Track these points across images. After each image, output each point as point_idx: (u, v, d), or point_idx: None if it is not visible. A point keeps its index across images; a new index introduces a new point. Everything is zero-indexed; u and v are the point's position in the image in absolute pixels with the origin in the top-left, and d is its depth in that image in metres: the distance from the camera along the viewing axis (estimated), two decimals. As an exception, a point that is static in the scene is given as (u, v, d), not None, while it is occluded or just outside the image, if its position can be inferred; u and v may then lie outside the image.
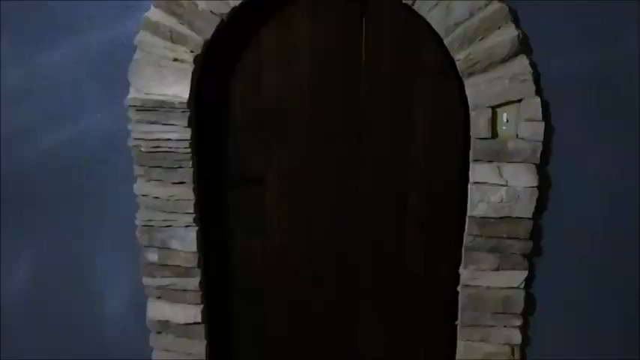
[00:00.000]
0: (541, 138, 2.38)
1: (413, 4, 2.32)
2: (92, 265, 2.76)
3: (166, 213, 2.57)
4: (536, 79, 2.35)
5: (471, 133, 2.43)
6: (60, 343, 2.88)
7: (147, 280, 2.67)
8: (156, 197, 2.56)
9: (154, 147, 2.49)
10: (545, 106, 2.38)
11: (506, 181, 2.41)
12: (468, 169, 2.48)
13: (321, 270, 2.74)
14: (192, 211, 2.55)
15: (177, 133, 2.47)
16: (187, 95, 2.43)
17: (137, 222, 2.61)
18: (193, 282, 2.63)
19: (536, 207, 2.44)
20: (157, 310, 2.70)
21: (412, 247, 2.67)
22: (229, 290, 2.80)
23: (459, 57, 2.34)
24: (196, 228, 2.59)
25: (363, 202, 2.65)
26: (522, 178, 2.41)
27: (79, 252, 2.75)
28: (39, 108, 2.61)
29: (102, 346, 2.86)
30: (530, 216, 2.45)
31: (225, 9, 2.37)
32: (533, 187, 2.41)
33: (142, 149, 2.51)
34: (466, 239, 2.52)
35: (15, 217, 2.76)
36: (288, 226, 2.70)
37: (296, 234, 2.71)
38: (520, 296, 2.53)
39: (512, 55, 2.32)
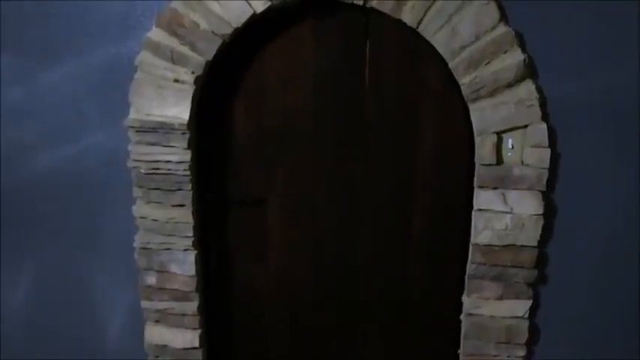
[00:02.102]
0: (547, 165, 2.13)
1: (417, 27, 2.09)
2: (91, 287, 2.49)
3: (165, 236, 2.31)
4: (542, 104, 2.12)
5: (475, 159, 2.18)
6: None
7: (145, 304, 2.40)
8: (154, 220, 2.30)
9: (154, 169, 2.25)
10: (551, 132, 2.13)
11: (511, 209, 2.16)
12: (471, 193, 2.23)
13: (322, 294, 2.47)
14: (191, 234, 2.30)
15: (177, 155, 2.22)
16: (187, 117, 2.18)
17: (135, 244, 2.36)
18: (192, 306, 2.37)
19: (541, 235, 2.19)
20: (155, 333, 2.43)
21: (415, 272, 2.40)
22: (229, 314, 2.53)
23: (464, 81, 2.10)
24: (195, 252, 2.33)
25: (366, 226, 2.39)
26: (528, 206, 2.15)
27: (77, 273, 2.49)
28: (39, 127, 2.37)
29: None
30: (536, 244, 2.19)
31: (228, 30, 2.13)
32: (539, 214, 2.15)
33: (142, 170, 2.26)
34: (469, 267, 2.25)
35: (13, 236, 2.49)
36: (290, 249, 2.44)
37: (298, 257, 2.45)
38: (524, 326, 2.26)
39: (519, 80, 2.08)
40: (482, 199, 2.18)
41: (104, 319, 2.52)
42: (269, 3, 2.10)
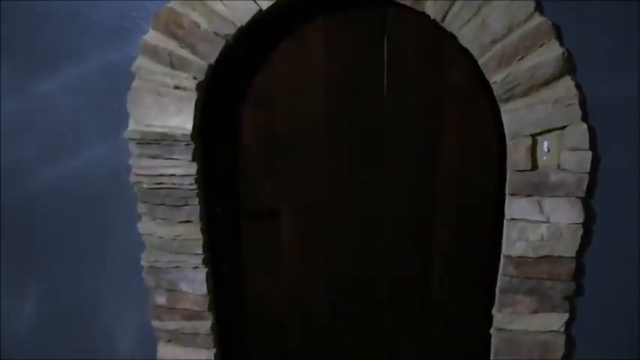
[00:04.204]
0: (587, 169, 1.71)
1: (442, 20, 1.66)
2: (100, 306, 2.10)
3: (173, 254, 1.92)
4: (582, 102, 1.70)
5: (507, 165, 1.76)
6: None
7: (156, 323, 2.02)
8: (161, 237, 1.91)
9: (157, 183, 1.85)
10: (591, 134, 1.71)
11: (548, 217, 1.75)
12: (502, 203, 1.82)
13: (341, 309, 2.07)
14: (200, 251, 1.91)
15: (182, 167, 1.82)
16: (191, 127, 1.78)
17: (143, 263, 1.97)
18: (204, 325, 1.99)
19: (579, 245, 1.79)
20: (168, 353, 2.05)
21: (439, 286, 1.99)
22: (244, 331, 2.14)
23: (496, 79, 1.67)
24: (206, 269, 1.94)
25: (386, 238, 1.98)
26: (565, 214, 1.75)
27: (86, 291, 2.09)
28: (38, 140, 1.97)
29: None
30: (574, 255, 1.78)
31: (231, 30, 1.72)
32: (578, 223, 1.75)
33: (145, 185, 1.86)
34: (501, 280, 1.85)
35: (17, 255, 2.10)
36: (304, 262, 2.04)
37: (314, 271, 2.04)
38: (560, 340, 1.87)
39: (557, 77, 1.65)
40: (516, 207, 1.77)
41: (115, 339, 2.13)
42: (275, -2, 1.71)
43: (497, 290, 1.87)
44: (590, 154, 1.71)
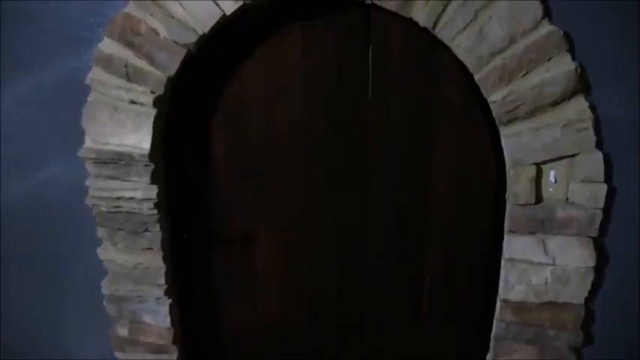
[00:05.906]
0: (601, 204, 1.38)
1: (433, 28, 1.35)
2: (63, 332, 1.83)
3: (135, 283, 1.64)
4: (596, 127, 1.37)
5: (507, 197, 1.44)
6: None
7: (118, 355, 1.76)
8: (122, 264, 1.63)
9: (116, 207, 1.56)
10: (607, 163, 1.37)
11: (553, 259, 1.42)
12: (500, 239, 1.50)
13: (322, 344, 1.78)
14: (163, 282, 1.63)
15: (141, 190, 1.54)
16: (149, 146, 1.49)
17: (104, 290, 1.70)
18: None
19: (589, 291, 1.46)
20: (133, 385, 1.85)
21: (429, 324, 1.68)
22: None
23: (495, 98, 1.35)
24: (169, 301, 1.65)
25: (371, 268, 1.66)
26: (574, 256, 1.41)
27: (47, 317, 1.82)
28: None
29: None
30: (583, 302, 1.45)
31: (192, 38, 1.42)
32: (589, 267, 1.42)
33: (103, 209, 1.58)
34: (497, 326, 1.52)
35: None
36: (283, 292, 1.74)
37: (293, 302, 1.75)
38: (565, 395, 1.59)
39: (568, 96, 1.32)
40: (516, 246, 1.44)
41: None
42: (240, 2, 1.38)
43: (492, 337, 1.55)
44: (605, 187, 1.37)
